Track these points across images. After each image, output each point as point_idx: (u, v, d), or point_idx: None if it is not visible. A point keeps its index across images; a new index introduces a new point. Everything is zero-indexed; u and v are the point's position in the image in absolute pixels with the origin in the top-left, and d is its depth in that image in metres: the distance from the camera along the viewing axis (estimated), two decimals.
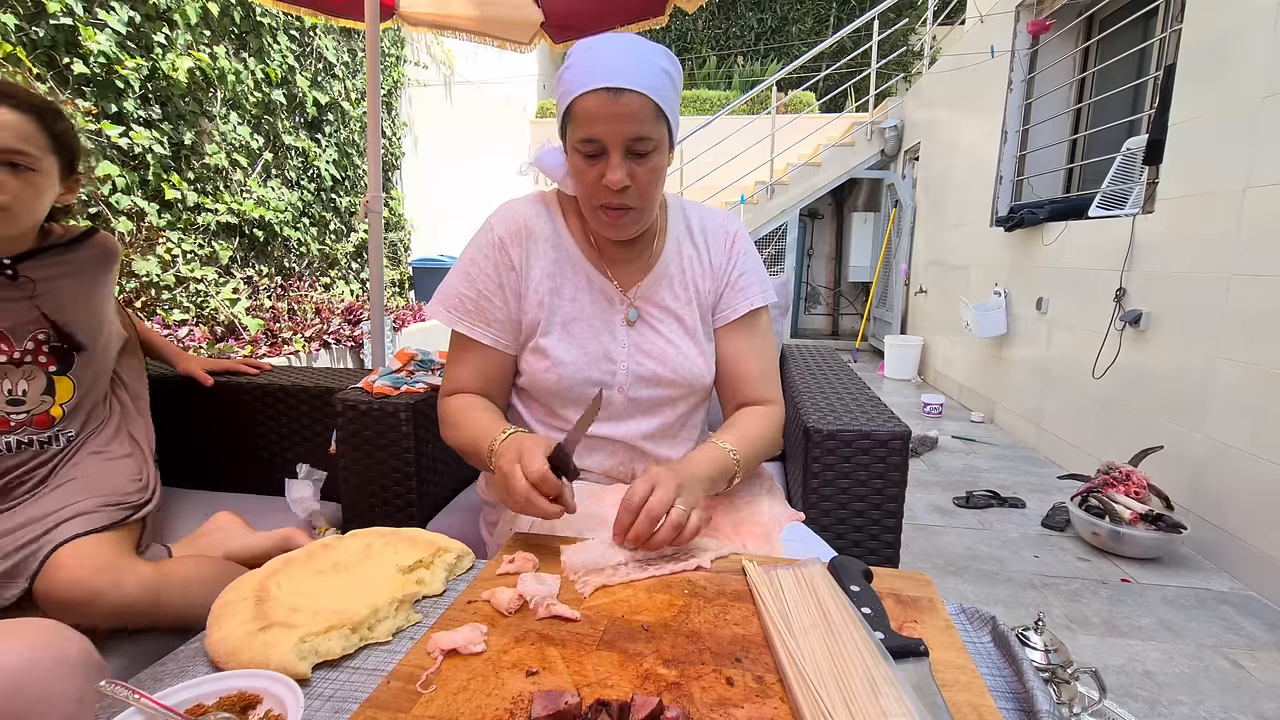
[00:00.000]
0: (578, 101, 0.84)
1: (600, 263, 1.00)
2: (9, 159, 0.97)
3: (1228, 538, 2.12)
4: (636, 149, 0.85)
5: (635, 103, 0.82)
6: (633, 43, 0.86)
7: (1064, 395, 3.19)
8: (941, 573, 2.10)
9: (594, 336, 0.98)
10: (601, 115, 0.83)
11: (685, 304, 1.02)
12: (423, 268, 5.53)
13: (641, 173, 0.87)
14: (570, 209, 1.02)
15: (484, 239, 0.99)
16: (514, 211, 1.00)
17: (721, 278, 1.05)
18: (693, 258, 1.04)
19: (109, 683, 0.50)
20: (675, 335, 1.01)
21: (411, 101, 5.77)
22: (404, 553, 0.72)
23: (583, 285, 0.99)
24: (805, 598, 0.64)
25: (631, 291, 1.00)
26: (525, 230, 0.98)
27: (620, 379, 0.98)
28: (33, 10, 2.52)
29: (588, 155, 0.87)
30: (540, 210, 1.00)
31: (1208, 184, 2.29)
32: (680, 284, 1.02)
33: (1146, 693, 1.54)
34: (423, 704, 0.51)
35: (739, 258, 1.05)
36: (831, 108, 7.85)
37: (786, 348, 1.71)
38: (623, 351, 0.99)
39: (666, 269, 1.02)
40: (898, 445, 1.06)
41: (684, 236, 1.05)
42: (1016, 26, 3.85)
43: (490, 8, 2.44)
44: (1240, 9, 2.19)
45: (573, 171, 0.91)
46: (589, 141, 0.85)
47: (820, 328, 8.31)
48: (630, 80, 0.82)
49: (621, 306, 1.00)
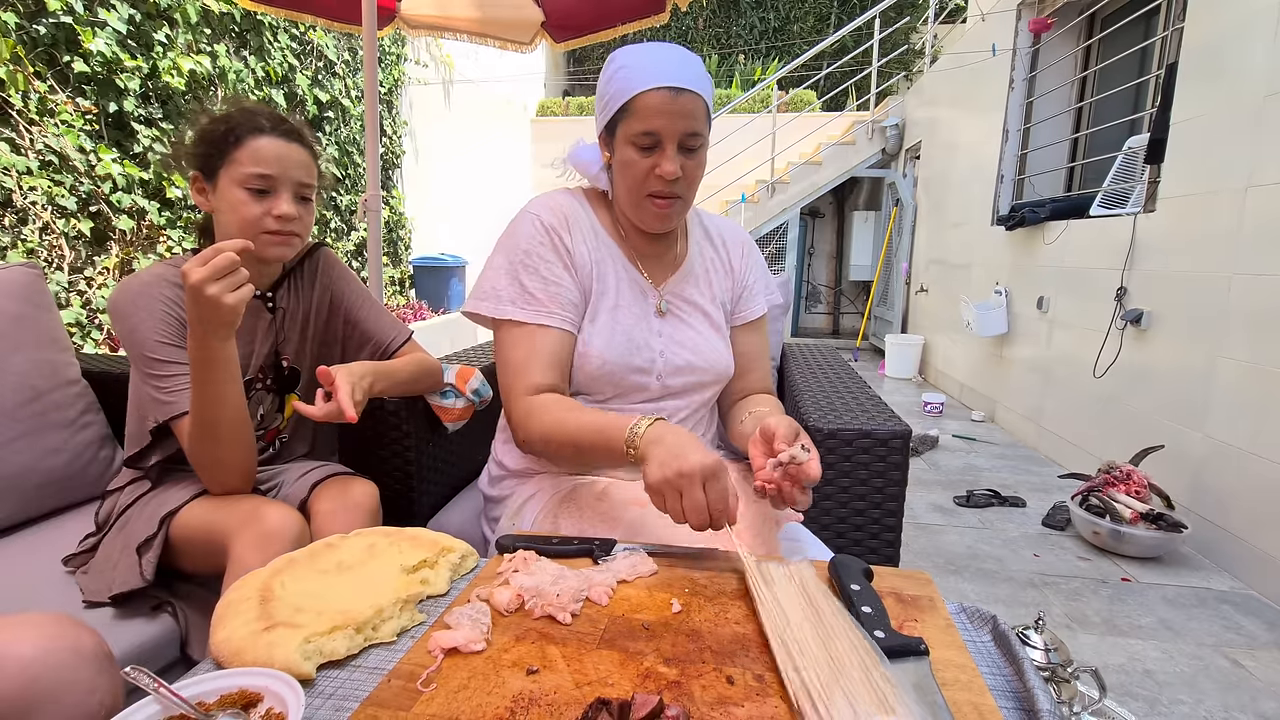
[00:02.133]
0: (640, 97, 0.90)
1: (633, 256, 1.05)
2: (302, 192, 1.04)
3: (1228, 537, 2.12)
4: (689, 144, 0.94)
5: (692, 102, 0.91)
6: (684, 51, 0.95)
7: (1065, 394, 3.19)
8: (942, 572, 2.10)
9: (635, 323, 1.02)
10: (663, 111, 0.90)
11: (710, 301, 1.10)
12: (423, 266, 5.53)
13: (691, 166, 0.96)
14: (599, 204, 1.07)
15: (529, 228, 1.00)
16: (551, 201, 1.04)
17: (740, 282, 1.13)
18: (714, 260, 1.12)
19: (134, 669, 0.50)
20: (703, 329, 1.07)
21: (412, 101, 5.77)
22: (408, 552, 0.72)
23: (621, 274, 1.04)
24: (798, 595, 0.64)
25: (662, 286, 1.06)
26: (566, 217, 1.02)
27: (659, 366, 1.03)
28: (33, 8, 2.52)
29: (643, 148, 0.93)
30: (574, 202, 1.05)
31: (1209, 183, 2.29)
32: (705, 283, 1.10)
33: (1147, 692, 1.54)
34: (423, 702, 0.51)
35: (753, 265, 1.15)
36: (832, 106, 7.83)
37: (787, 346, 1.71)
38: (659, 341, 1.03)
39: (692, 268, 1.09)
40: (898, 444, 1.06)
41: (703, 240, 1.13)
42: (1018, 25, 3.84)
43: (491, 9, 2.44)
44: (1242, 8, 2.18)
45: (622, 164, 0.96)
46: (648, 134, 0.92)
47: (821, 326, 8.31)
48: (689, 82, 0.91)
49: (654, 299, 1.05)
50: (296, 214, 1.03)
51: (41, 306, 1.28)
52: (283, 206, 1.01)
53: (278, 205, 1.01)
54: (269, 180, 1.00)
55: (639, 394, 1.02)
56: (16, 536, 1.16)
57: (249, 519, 0.91)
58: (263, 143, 1.00)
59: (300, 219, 1.04)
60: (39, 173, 2.59)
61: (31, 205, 2.59)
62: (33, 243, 2.60)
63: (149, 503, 1.02)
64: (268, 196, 1.01)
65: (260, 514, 0.91)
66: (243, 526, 0.90)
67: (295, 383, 1.19)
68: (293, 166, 1.02)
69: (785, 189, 6.42)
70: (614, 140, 0.96)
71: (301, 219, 1.04)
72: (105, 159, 2.81)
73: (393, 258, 5.60)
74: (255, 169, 0.99)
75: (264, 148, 1.00)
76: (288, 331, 1.16)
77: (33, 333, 1.25)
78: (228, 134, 1.00)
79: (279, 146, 1.01)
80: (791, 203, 6.45)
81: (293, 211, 1.02)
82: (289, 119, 1.06)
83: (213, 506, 0.98)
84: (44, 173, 2.61)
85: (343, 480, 1.06)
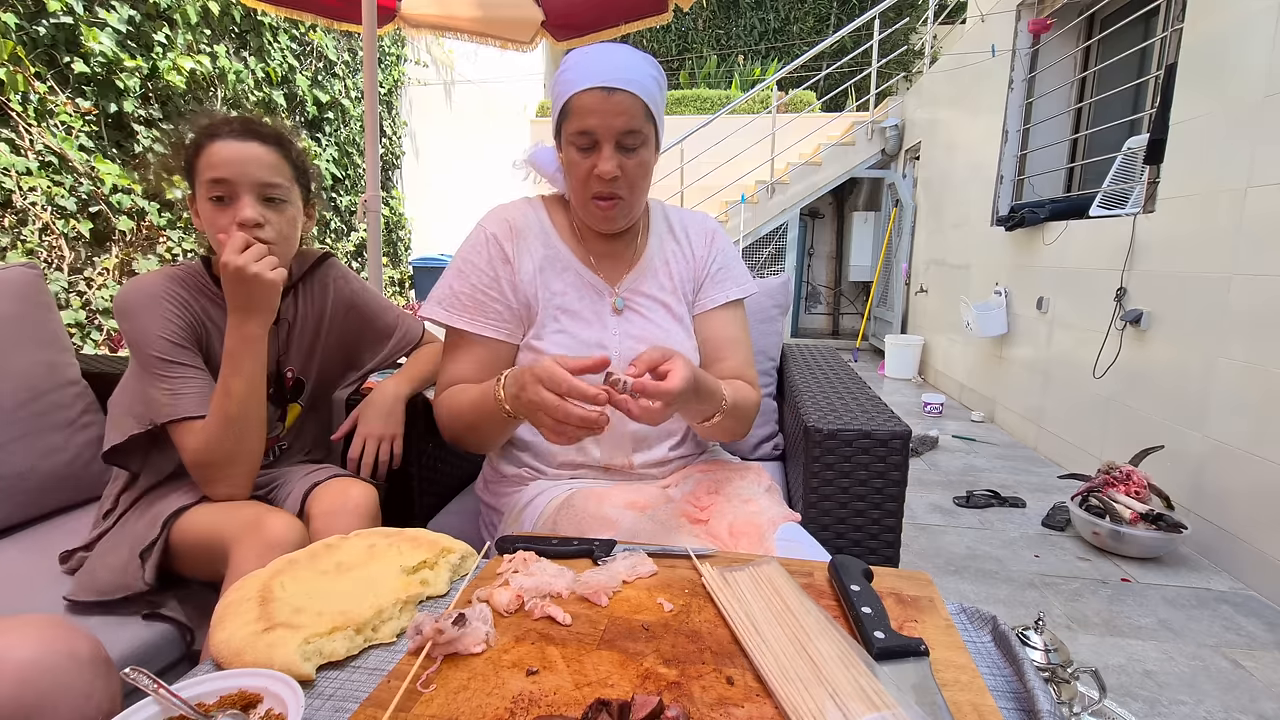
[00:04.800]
0: (575, 98, 0.92)
1: (587, 258, 1.06)
2: (267, 193, 0.98)
3: (1228, 537, 2.12)
4: (626, 143, 0.94)
5: (627, 101, 0.91)
6: (626, 51, 0.95)
7: (1064, 395, 3.19)
8: (942, 572, 2.10)
9: (586, 327, 1.03)
10: (597, 110, 0.91)
11: (671, 293, 1.09)
12: (423, 267, 5.54)
13: (631, 165, 0.95)
14: (557, 209, 1.09)
15: (476, 238, 1.04)
16: (502, 212, 1.07)
17: (702, 269, 1.12)
18: (675, 252, 1.12)
19: (133, 670, 0.50)
20: (663, 320, 1.07)
21: (411, 101, 5.77)
22: (408, 553, 0.72)
23: (571, 280, 1.05)
24: (768, 598, 0.64)
25: (618, 285, 1.07)
26: (514, 227, 1.04)
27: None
28: (33, 9, 2.52)
29: (582, 148, 0.94)
30: (528, 210, 1.07)
31: (1209, 183, 2.29)
32: (665, 275, 1.10)
33: (1147, 692, 1.54)
34: (423, 703, 0.51)
35: (718, 253, 1.14)
36: (832, 107, 7.84)
37: (786, 347, 1.71)
38: (614, 339, 1.04)
39: (651, 262, 1.09)
40: (898, 445, 1.06)
41: (665, 234, 1.13)
42: (1017, 25, 3.84)
43: (491, 8, 2.45)
44: (1241, 8, 2.19)
45: (566, 165, 0.98)
46: (583, 134, 0.93)
47: (821, 327, 8.31)
48: (624, 82, 0.91)
49: (609, 298, 1.06)
50: (260, 218, 0.96)
51: (41, 307, 1.28)
52: (244, 211, 0.94)
53: (240, 211, 0.95)
54: (227, 185, 0.95)
55: None
56: (16, 537, 1.16)
57: (251, 526, 0.90)
58: (215, 147, 0.95)
59: (270, 224, 0.97)
60: (39, 173, 2.59)
61: (31, 206, 2.59)
62: (32, 243, 2.60)
63: (152, 505, 1.01)
64: (230, 204, 0.96)
65: (263, 522, 0.90)
66: (245, 533, 0.89)
67: (298, 393, 1.18)
68: (252, 167, 0.96)
69: (785, 189, 6.42)
70: (561, 142, 0.98)
71: (271, 224, 0.97)
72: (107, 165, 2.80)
73: (392, 258, 5.60)
74: (209, 174, 0.95)
75: (216, 152, 0.95)
76: (293, 342, 1.15)
77: (33, 333, 1.25)
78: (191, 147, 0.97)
79: (233, 148, 0.95)
80: (791, 203, 6.45)
81: (254, 216, 0.95)
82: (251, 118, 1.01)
83: (214, 512, 0.97)
84: (44, 173, 2.61)
85: (341, 482, 1.05)
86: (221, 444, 0.96)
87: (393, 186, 5.55)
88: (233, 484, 0.99)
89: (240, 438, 0.96)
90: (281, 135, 1.03)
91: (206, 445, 0.96)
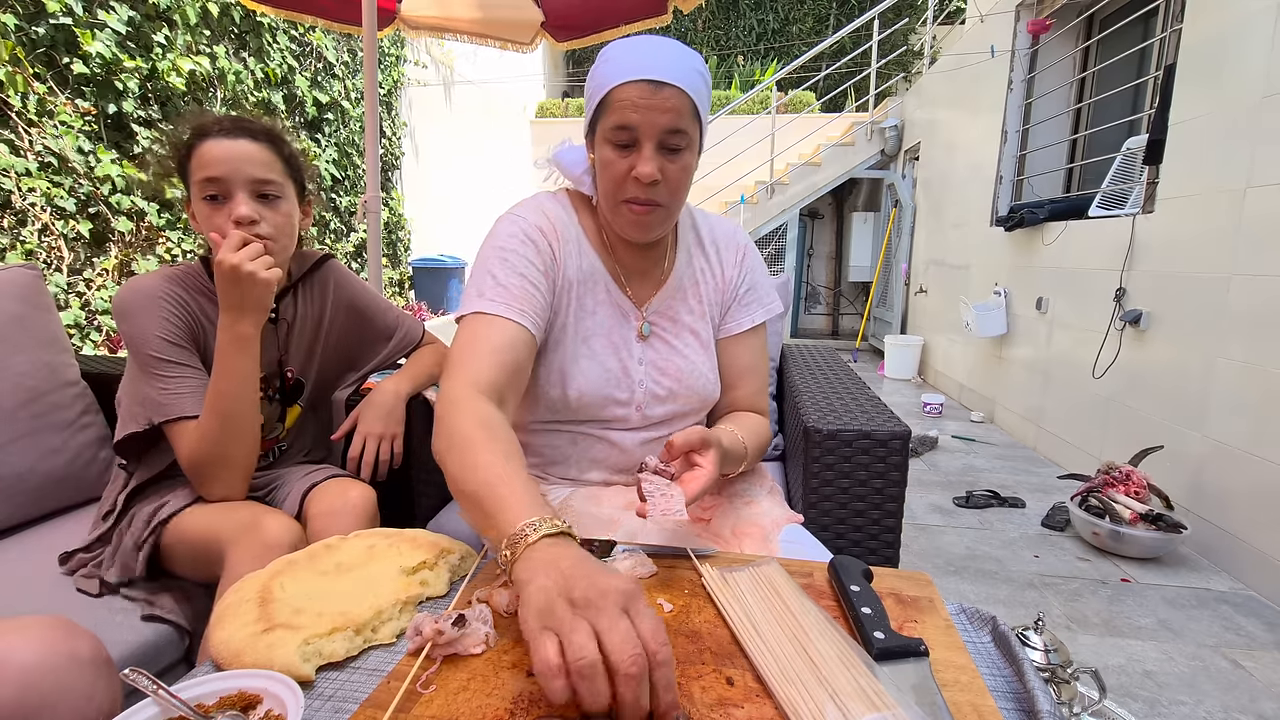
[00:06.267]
0: (616, 90, 0.83)
1: (616, 273, 0.98)
2: (260, 189, 0.98)
3: (1228, 537, 2.12)
4: (670, 143, 0.85)
5: (674, 97, 0.82)
6: (674, 44, 0.86)
7: (1064, 395, 3.19)
8: (941, 573, 2.10)
9: (613, 353, 0.97)
10: (640, 105, 0.82)
11: (700, 317, 1.02)
12: (422, 268, 5.53)
13: (673, 169, 0.86)
14: (585, 212, 0.99)
15: (515, 228, 0.92)
16: (542, 205, 0.96)
17: (730, 293, 1.04)
18: (704, 269, 1.04)
19: (133, 670, 0.50)
20: (690, 349, 1.00)
21: (411, 102, 5.77)
22: (407, 554, 0.71)
23: (602, 298, 0.97)
24: (768, 598, 0.64)
25: (645, 306, 0.99)
26: (556, 227, 0.95)
27: (639, 397, 0.98)
28: (32, 10, 2.52)
29: (620, 145, 0.85)
30: (558, 209, 0.97)
31: (1208, 184, 2.29)
32: (694, 296, 1.02)
33: (1146, 693, 1.54)
34: (423, 704, 0.51)
35: (748, 273, 1.05)
36: (832, 107, 7.84)
37: (786, 347, 1.71)
38: (639, 369, 0.98)
39: (680, 282, 1.01)
40: (898, 445, 1.06)
41: (695, 247, 1.04)
42: (1016, 26, 3.85)
43: (491, 9, 2.45)
44: (1240, 9, 2.19)
45: (601, 164, 0.88)
46: (623, 129, 0.83)
47: (820, 327, 8.31)
48: (671, 76, 0.82)
49: (636, 321, 0.99)
50: (254, 214, 0.96)
51: (41, 308, 1.28)
52: (239, 209, 0.95)
53: (234, 208, 0.95)
54: (219, 184, 0.95)
55: (619, 423, 0.99)
56: (15, 538, 1.16)
57: (248, 528, 0.90)
58: (206, 146, 0.96)
59: (265, 220, 0.98)
60: (38, 174, 2.59)
61: (30, 206, 2.59)
62: (32, 244, 2.60)
63: (152, 505, 1.02)
64: (225, 202, 0.96)
65: (260, 523, 0.90)
66: (242, 535, 0.89)
67: (298, 394, 1.18)
68: (243, 163, 0.96)
69: (784, 190, 6.42)
70: (595, 138, 0.89)
71: (266, 220, 0.98)
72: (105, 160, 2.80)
73: (392, 259, 5.60)
74: (202, 174, 0.95)
75: (208, 151, 0.96)
76: (293, 343, 1.15)
77: (32, 334, 1.25)
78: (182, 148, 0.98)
79: (224, 146, 0.96)
80: (791, 204, 6.45)
81: (248, 212, 0.95)
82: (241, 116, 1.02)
83: (211, 513, 0.97)
84: (43, 174, 2.61)
85: (340, 483, 1.05)
86: (215, 443, 0.95)
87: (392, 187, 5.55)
88: (227, 484, 0.99)
89: (234, 438, 0.96)
90: (272, 132, 1.03)
91: (200, 445, 0.96)
